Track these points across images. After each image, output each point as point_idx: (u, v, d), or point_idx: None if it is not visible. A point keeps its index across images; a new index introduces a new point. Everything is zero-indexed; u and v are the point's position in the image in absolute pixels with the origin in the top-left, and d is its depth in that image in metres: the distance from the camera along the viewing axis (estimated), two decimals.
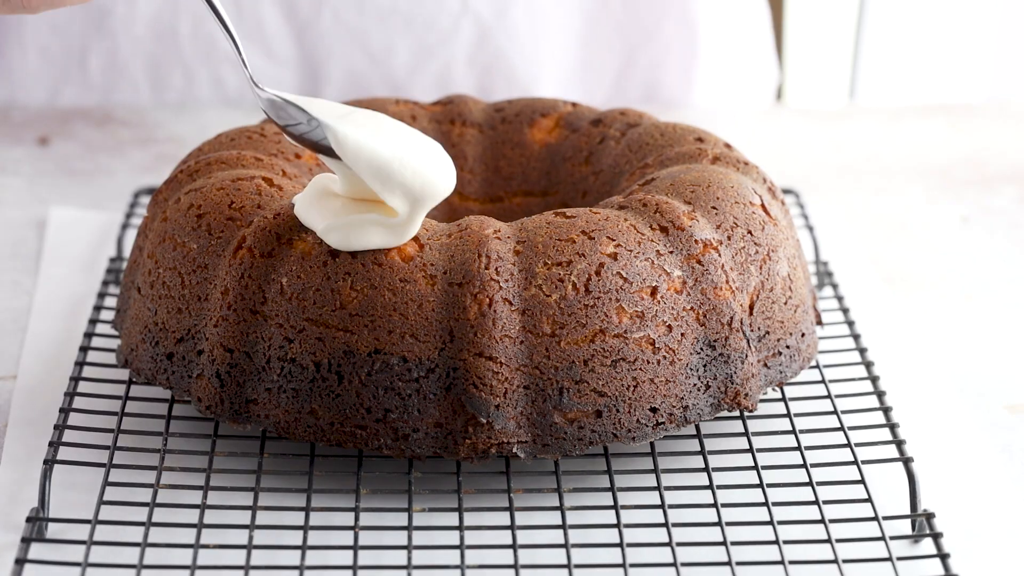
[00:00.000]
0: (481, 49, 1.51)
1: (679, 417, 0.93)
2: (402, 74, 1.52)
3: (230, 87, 1.52)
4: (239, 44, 0.94)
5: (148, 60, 1.51)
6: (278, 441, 0.96)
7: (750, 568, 0.86)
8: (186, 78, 1.52)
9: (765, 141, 1.48)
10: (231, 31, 0.94)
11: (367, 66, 1.52)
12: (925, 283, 1.21)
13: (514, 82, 1.52)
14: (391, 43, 1.51)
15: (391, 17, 1.51)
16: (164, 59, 1.51)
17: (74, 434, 0.95)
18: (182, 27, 1.51)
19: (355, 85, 1.52)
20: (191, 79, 1.52)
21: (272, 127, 1.06)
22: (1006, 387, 1.07)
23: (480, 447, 0.90)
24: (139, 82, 1.52)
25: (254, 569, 0.85)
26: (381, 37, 1.51)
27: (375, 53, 1.51)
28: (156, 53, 1.51)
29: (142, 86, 1.52)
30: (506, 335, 0.90)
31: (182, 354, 0.95)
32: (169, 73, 1.52)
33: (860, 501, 0.90)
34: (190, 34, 1.51)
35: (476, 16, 1.51)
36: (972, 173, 1.41)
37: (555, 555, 0.87)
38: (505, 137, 1.10)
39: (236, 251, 0.93)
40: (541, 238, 0.93)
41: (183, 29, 1.51)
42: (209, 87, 1.52)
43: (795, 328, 0.99)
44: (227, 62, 1.52)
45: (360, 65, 1.52)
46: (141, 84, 1.52)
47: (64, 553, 0.87)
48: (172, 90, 1.52)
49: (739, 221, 0.97)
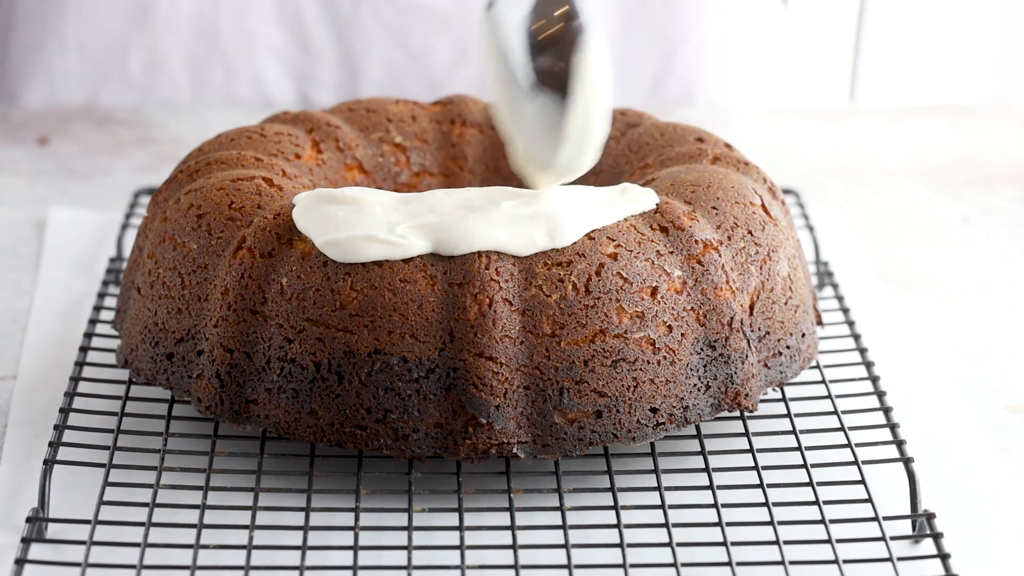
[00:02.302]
0: None
1: (679, 417, 0.93)
2: (441, 73, 1.52)
3: (270, 83, 1.52)
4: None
5: (189, 57, 1.51)
6: (278, 441, 0.96)
7: (750, 568, 0.86)
8: (227, 75, 1.52)
9: (765, 141, 1.48)
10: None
11: (406, 64, 1.52)
12: (925, 283, 1.21)
13: None
14: (430, 42, 1.51)
15: (430, 16, 1.50)
16: (205, 56, 1.51)
17: (74, 434, 0.95)
18: (223, 23, 1.51)
19: (394, 83, 1.52)
20: (231, 76, 1.52)
21: (272, 127, 1.06)
22: (1006, 387, 1.07)
23: (480, 447, 0.90)
24: (179, 80, 1.52)
25: (254, 569, 0.85)
26: (420, 35, 1.51)
27: (414, 52, 1.51)
28: (197, 50, 1.51)
29: (182, 84, 1.52)
30: (506, 335, 0.90)
31: (182, 354, 0.95)
32: (209, 70, 1.52)
33: (860, 501, 0.90)
34: (231, 30, 1.51)
35: None
36: (972, 173, 1.41)
37: (555, 555, 0.87)
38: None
39: (236, 251, 0.93)
40: None
41: (224, 25, 1.51)
42: (250, 85, 1.52)
43: (795, 328, 0.99)
44: (268, 57, 1.52)
45: (399, 63, 1.52)
46: (181, 82, 1.52)
47: (64, 553, 0.87)
48: (212, 88, 1.52)
49: (739, 221, 0.97)
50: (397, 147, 1.08)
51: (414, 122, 1.09)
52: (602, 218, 0.93)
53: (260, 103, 1.54)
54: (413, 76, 1.52)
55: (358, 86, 1.53)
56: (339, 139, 1.06)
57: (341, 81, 1.52)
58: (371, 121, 1.09)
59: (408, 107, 1.10)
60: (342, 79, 1.52)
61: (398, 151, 1.08)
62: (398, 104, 1.10)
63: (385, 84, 1.52)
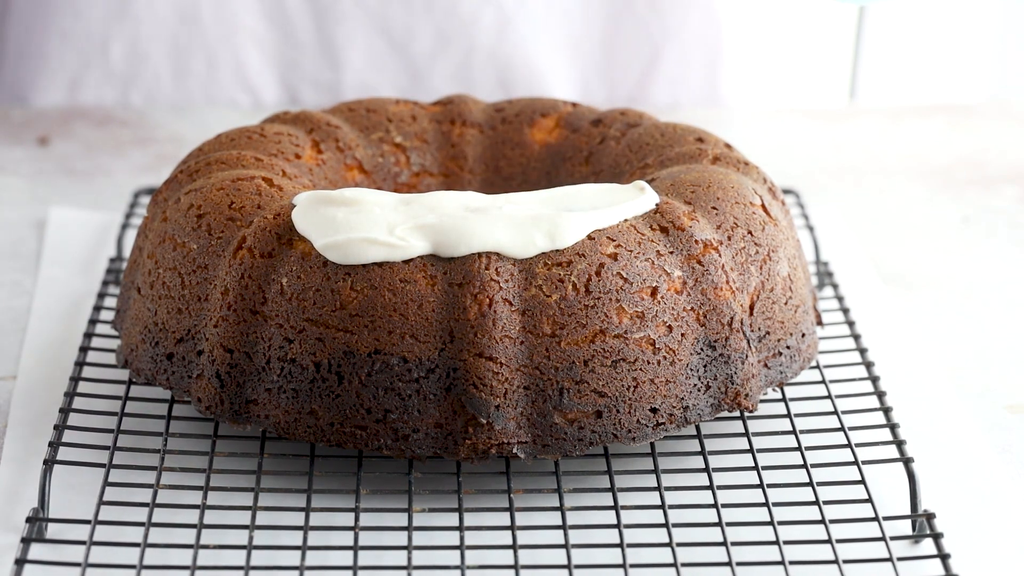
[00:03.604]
0: (503, 38, 1.51)
1: (679, 417, 0.93)
2: (422, 60, 1.51)
3: (252, 72, 1.52)
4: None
5: (171, 47, 1.51)
6: (278, 441, 0.96)
7: (750, 568, 0.86)
8: (208, 64, 1.52)
9: (765, 141, 1.48)
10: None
11: (386, 51, 1.51)
12: (925, 283, 1.21)
13: (534, 73, 1.52)
14: (412, 27, 1.51)
15: (412, 2, 1.50)
16: (187, 45, 1.51)
17: (74, 434, 0.95)
18: (204, 11, 1.51)
19: (375, 71, 1.52)
20: (214, 65, 1.52)
21: (272, 127, 1.06)
22: (1006, 387, 1.07)
23: (480, 447, 0.90)
24: (161, 70, 1.52)
25: (254, 569, 0.85)
26: (402, 21, 1.51)
27: (395, 37, 1.51)
28: (179, 39, 1.51)
29: (164, 74, 1.52)
30: (506, 335, 0.90)
31: (182, 354, 0.95)
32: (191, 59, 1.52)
33: (860, 501, 0.90)
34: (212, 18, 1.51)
35: (498, 4, 1.50)
36: (972, 173, 1.41)
37: (555, 555, 0.87)
38: (505, 137, 1.10)
39: (236, 251, 0.93)
40: None
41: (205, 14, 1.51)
42: (231, 74, 1.52)
43: (795, 328, 0.99)
44: (248, 46, 1.52)
45: (379, 50, 1.51)
46: (163, 72, 1.52)
47: (64, 553, 0.87)
48: (194, 76, 1.52)
49: (739, 221, 0.97)
50: (397, 147, 1.08)
51: (414, 122, 1.09)
52: (602, 220, 0.93)
53: (243, 94, 1.53)
54: (393, 63, 1.52)
55: (338, 75, 1.52)
56: (339, 139, 1.06)
57: (320, 68, 1.52)
58: (371, 121, 1.09)
59: (408, 107, 1.10)
60: (321, 66, 1.52)
61: (398, 151, 1.08)
62: (398, 104, 1.10)
63: (365, 72, 1.52)
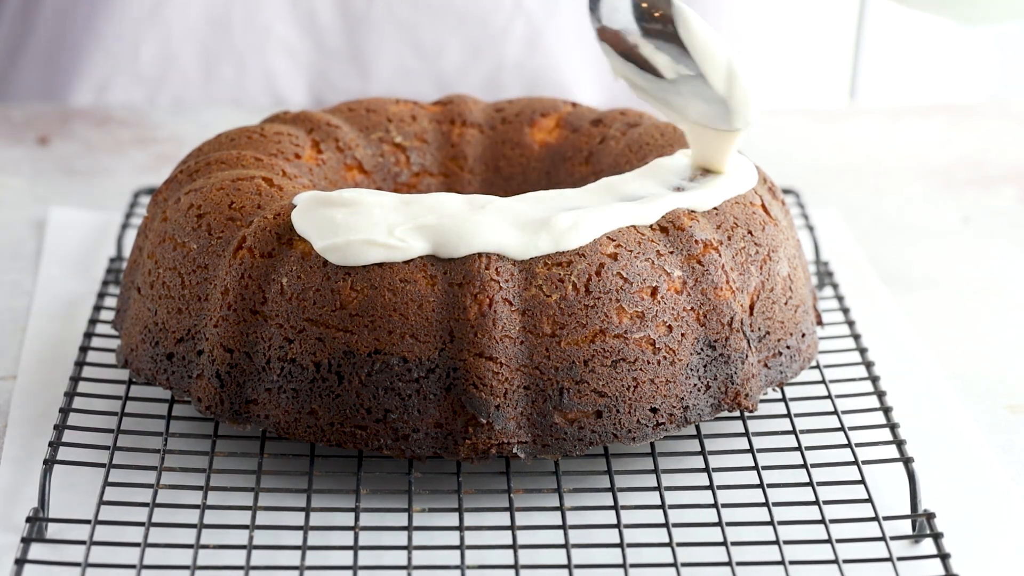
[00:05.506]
0: (532, 50, 1.51)
1: (679, 417, 0.93)
2: (450, 72, 1.51)
3: (280, 78, 1.52)
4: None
5: (200, 52, 1.51)
6: (278, 441, 0.96)
7: (750, 568, 0.86)
8: (237, 70, 1.52)
9: (765, 141, 1.48)
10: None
11: (415, 63, 1.51)
12: (925, 283, 1.21)
13: (561, 86, 1.52)
14: (442, 41, 1.51)
15: (444, 15, 1.50)
16: (217, 51, 1.51)
17: (74, 434, 0.95)
18: (235, 17, 1.51)
19: (404, 82, 1.52)
20: (243, 71, 1.52)
21: (272, 127, 1.06)
22: (1006, 387, 1.07)
23: (480, 447, 0.90)
24: (190, 75, 1.52)
25: (254, 569, 0.85)
26: (432, 33, 1.51)
27: (425, 49, 1.51)
28: (209, 45, 1.51)
29: (193, 79, 1.52)
30: (506, 335, 0.90)
31: (182, 354, 0.95)
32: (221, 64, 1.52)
33: (860, 501, 0.90)
34: (243, 24, 1.51)
35: (528, 16, 1.50)
36: (972, 173, 1.41)
37: (555, 555, 0.87)
38: (505, 137, 1.10)
39: (236, 251, 0.93)
40: None
41: (236, 19, 1.51)
42: (260, 81, 1.52)
43: (795, 328, 0.99)
44: (278, 52, 1.52)
45: (408, 61, 1.51)
46: (192, 77, 1.52)
47: (64, 553, 0.87)
48: (223, 83, 1.52)
49: (739, 221, 0.97)
50: (397, 147, 1.08)
51: (414, 122, 1.09)
52: (606, 222, 0.92)
53: (271, 100, 1.53)
54: (423, 75, 1.52)
55: (367, 84, 1.52)
56: (339, 139, 1.06)
57: (350, 78, 1.52)
58: (371, 121, 1.09)
59: (408, 107, 1.10)
60: (351, 76, 1.52)
61: (398, 151, 1.08)
62: (398, 104, 1.10)
63: (394, 83, 1.52)
